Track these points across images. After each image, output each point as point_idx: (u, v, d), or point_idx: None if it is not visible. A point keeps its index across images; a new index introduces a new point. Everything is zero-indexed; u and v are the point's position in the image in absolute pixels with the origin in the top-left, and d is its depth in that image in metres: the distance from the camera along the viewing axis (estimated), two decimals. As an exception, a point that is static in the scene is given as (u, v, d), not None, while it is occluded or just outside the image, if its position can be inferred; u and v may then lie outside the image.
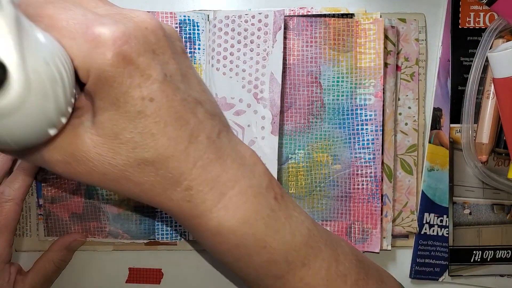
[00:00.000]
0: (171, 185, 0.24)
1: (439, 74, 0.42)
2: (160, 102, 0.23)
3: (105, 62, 0.21)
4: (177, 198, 0.25)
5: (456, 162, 0.42)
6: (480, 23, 0.42)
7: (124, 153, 0.23)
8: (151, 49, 0.23)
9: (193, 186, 0.24)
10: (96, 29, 0.21)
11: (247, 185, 0.26)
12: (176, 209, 0.25)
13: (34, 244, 0.41)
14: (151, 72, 0.22)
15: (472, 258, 0.42)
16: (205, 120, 0.25)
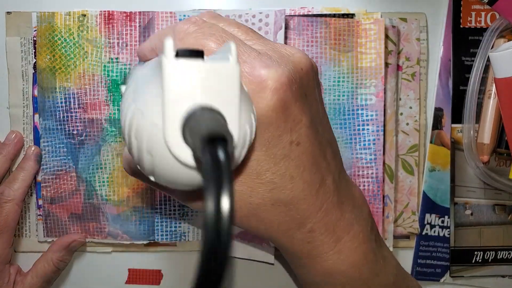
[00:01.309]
0: (296, 225, 0.24)
1: (441, 73, 0.42)
2: (304, 147, 0.23)
3: (268, 107, 0.21)
4: (298, 238, 0.25)
5: (458, 162, 0.42)
6: (481, 22, 0.42)
7: (262, 192, 0.23)
8: (305, 93, 0.23)
9: (316, 229, 0.25)
10: (262, 71, 0.21)
11: (359, 229, 0.26)
12: (294, 248, 0.25)
13: (34, 245, 0.41)
14: (302, 117, 0.23)
15: (473, 259, 0.42)
16: (331, 161, 0.25)
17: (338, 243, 0.25)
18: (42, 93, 0.40)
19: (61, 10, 0.40)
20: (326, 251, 0.25)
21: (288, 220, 0.24)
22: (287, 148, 0.22)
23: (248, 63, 0.22)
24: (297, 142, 0.23)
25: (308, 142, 0.23)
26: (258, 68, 0.21)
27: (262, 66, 0.21)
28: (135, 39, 0.40)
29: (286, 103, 0.22)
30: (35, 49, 0.40)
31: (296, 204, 0.24)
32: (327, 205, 0.24)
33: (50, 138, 0.40)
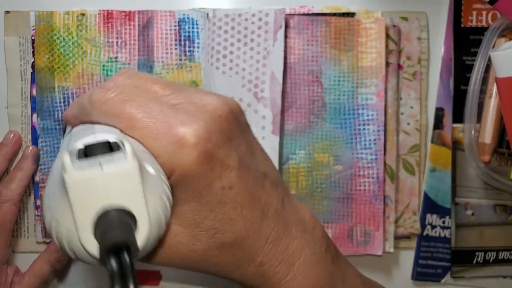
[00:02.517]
0: (245, 263, 0.25)
1: (442, 73, 0.42)
2: (238, 188, 0.23)
3: (191, 162, 0.22)
4: (251, 273, 0.25)
5: (459, 162, 0.42)
6: (482, 22, 0.42)
7: (204, 239, 0.24)
8: (227, 137, 0.23)
9: (265, 262, 0.25)
10: (179, 130, 0.22)
11: (311, 252, 0.26)
12: (249, 283, 0.26)
13: (31, 245, 0.41)
14: (230, 161, 0.23)
15: (474, 260, 0.42)
16: (272, 192, 0.26)
17: (290, 271, 0.26)
18: (40, 93, 0.40)
19: (60, 9, 0.40)
20: (279, 281, 0.26)
21: (236, 259, 0.25)
22: (220, 194, 0.23)
23: (166, 123, 0.22)
24: (229, 186, 0.23)
25: (240, 183, 0.24)
26: (175, 126, 0.22)
27: (179, 123, 0.22)
28: (134, 38, 0.40)
29: (208, 154, 0.22)
30: (34, 49, 0.40)
31: (241, 243, 0.24)
32: (272, 236, 0.25)
33: (48, 138, 0.40)
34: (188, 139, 0.22)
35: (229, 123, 0.24)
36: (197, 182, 0.22)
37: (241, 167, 0.24)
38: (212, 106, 0.24)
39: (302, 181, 0.40)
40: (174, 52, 0.40)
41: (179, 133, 0.22)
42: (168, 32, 0.40)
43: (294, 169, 0.40)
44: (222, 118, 0.23)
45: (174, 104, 0.24)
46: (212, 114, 0.23)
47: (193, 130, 0.22)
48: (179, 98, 0.24)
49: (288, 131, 0.40)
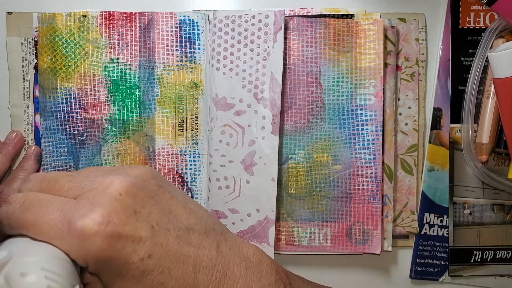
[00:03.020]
0: None
1: (439, 74, 0.42)
2: (158, 254, 0.24)
3: (98, 248, 0.22)
4: None
5: (456, 162, 0.42)
6: (480, 23, 0.42)
7: None
8: (132, 211, 0.24)
9: None
10: (77, 223, 0.22)
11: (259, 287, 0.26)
12: None
13: (34, 245, 0.41)
14: (140, 233, 0.23)
15: (472, 258, 0.42)
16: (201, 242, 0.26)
17: None
18: (43, 94, 0.40)
19: (62, 11, 0.40)
20: None
21: None
22: (141, 265, 0.23)
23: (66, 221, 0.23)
24: (148, 256, 0.23)
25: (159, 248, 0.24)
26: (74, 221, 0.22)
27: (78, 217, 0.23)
28: (136, 40, 0.40)
29: (113, 235, 0.23)
30: (36, 50, 0.40)
31: None
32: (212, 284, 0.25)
33: (51, 138, 0.40)
34: (87, 230, 0.22)
35: (132, 197, 0.24)
36: (114, 263, 0.23)
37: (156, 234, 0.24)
38: (112, 187, 0.24)
39: (302, 181, 0.40)
40: (175, 53, 0.40)
41: (78, 226, 0.22)
42: (169, 34, 0.40)
43: (294, 169, 0.40)
44: (123, 195, 0.24)
45: (76, 196, 0.24)
46: (111, 195, 0.24)
47: (90, 220, 0.22)
48: (80, 189, 0.24)
49: (288, 131, 0.40)
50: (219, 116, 0.39)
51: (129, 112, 0.40)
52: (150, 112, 0.40)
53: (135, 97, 0.40)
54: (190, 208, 0.27)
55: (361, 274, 0.43)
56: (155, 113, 0.40)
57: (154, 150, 0.40)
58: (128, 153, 0.40)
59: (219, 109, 0.39)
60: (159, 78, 0.40)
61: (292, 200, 0.40)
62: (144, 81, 0.40)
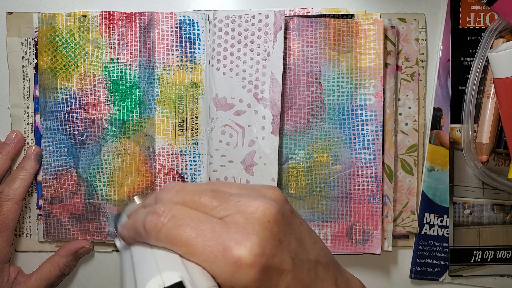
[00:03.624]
0: None
1: (439, 74, 0.42)
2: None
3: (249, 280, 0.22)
4: None
5: (457, 162, 0.42)
6: (480, 23, 0.42)
7: None
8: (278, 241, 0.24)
9: None
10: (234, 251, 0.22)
11: None
12: None
13: (34, 245, 0.41)
14: (284, 266, 0.23)
15: (472, 258, 0.42)
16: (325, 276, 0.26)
17: None
18: (43, 94, 0.40)
19: (62, 11, 0.40)
20: None
21: None
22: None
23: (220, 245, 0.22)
24: None
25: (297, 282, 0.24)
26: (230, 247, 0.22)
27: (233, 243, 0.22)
28: (136, 40, 0.40)
29: (264, 267, 0.22)
30: (36, 50, 0.40)
31: None
32: None
33: (51, 138, 0.40)
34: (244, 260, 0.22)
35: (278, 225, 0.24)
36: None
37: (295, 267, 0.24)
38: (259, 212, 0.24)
39: (302, 181, 0.40)
40: (175, 53, 0.40)
41: (235, 254, 0.22)
42: (169, 34, 0.40)
43: (294, 169, 0.40)
44: (271, 223, 0.24)
45: (223, 216, 0.24)
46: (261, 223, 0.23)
47: (247, 250, 0.22)
48: (227, 209, 0.24)
49: (288, 131, 0.40)
50: (219, 116, 0.39)
51: (129, 112, 0.40)
52: (150, 112, 0.40)
53: (135, 97, 0.40)
54: (313, 238, 0.27)
55: (361, 274, 0.43)
56: (155, 113, 0.40)
57: (154, 150, 0.40)
58: (128, 153, 0.40)
59: (219, 109, 0.39)
60: (159, 78, 0.40)
61: (292, 200, 0.40)
62: (144, 81, 0.40)
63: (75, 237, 0.40)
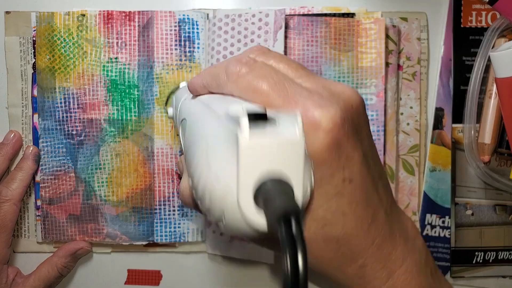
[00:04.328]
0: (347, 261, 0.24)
1: (441, 73, 0.42)
2: (357, 183, 0.23)
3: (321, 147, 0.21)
4: (349, 273, 0.25)
5: (458, 162, 0.42)
6: (482, 22, 0.42)
7: (313, 229, 0.23)
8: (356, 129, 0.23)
9: (367, 264, 0.24)
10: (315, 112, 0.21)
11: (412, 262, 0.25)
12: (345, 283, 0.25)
13: (32, 246, 0.41)
14: (355, 154, 0.22)
15: (474, 259, 0.42)
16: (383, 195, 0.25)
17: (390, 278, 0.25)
18: (41, 93, 0.40)
19: (60, 10, 0.40)
20: (378, 285, 0.25)
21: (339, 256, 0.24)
22: (339, 185, 0.22)
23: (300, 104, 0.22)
24: (349, 179, 0.22)
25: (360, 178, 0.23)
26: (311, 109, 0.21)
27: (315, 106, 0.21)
28: (134, 39, 0.40)
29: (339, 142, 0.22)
30: (35, 49, 0.40)
31: (347, 240, 0.24)
32: (378, 239, 0.24)
33: (49, 138, 0.40)
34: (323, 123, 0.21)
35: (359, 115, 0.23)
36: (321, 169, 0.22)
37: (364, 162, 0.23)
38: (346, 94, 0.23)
39: (302, 181, 0.40)
40: (174, 52, 0.40)
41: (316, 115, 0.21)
42: (168, 33, 0.40)
43: (294, 169, 0.40)
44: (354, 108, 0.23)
45: (307, 87, 0.23)
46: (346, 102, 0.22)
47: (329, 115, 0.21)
48: (312, 82, 0.23)
49: (288, 131, 0.40)
50: (219, 116, 0.39)
51: (127, 112, 0.40)
52: (149, 112, 0.40)
53: (133, 97, 0.40)
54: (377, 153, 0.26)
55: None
56: (154, 113, 0.40)
57: (153, 150, 0.40)
58: (127, 153, 0.40)
59: (219, 109, 0.39)
60: (158, 77, 0.40)
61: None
62: (143, 80, 0.40)
63: (73, 238, 0.40)
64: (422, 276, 0.26)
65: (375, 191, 0.24)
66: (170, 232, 0.40)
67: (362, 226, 0.23)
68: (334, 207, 0.23)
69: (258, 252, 0.40)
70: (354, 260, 0.24)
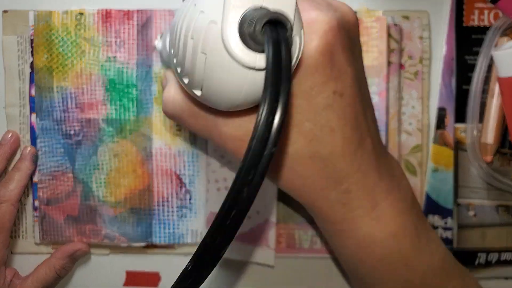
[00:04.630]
0: (331, 184, 0.24)
1: (443, 72, 0.41)
2: (348, 99, 0.22)
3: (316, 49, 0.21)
4: (333, 198, 0.24)
5: (461, 162, 0.41)
6: (484, 21, 0.41)
7: (300, 143, 0.22)
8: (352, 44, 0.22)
9: (352, 190, 0.24)
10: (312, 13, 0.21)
11: (397, 198, 0.25)
12: (328, 210, 0.24)
13: (30, 247, 0.41)
14: (348, 68, 0.22)
15: (476, 261, 0.42)
16: (371, 124, 0.25)
17: (375, 209, 0.24)
18: (39, 93, 0.39)
19: (58, 8, 0.39)
20: (362, 215, 0.24)
21: (324, 177, 0.23)
22: (330, 97, 0.22)
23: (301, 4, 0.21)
24: (340, 93, 0.22)
25: (352, 94, 0.22)
26: (308, 9, 0.21)
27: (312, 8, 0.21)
28: (133, 38, 0.39)
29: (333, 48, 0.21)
30: (32, 48, 0.39)
31: (333, 160, 0.23)
32: (365, 166, 0.24)
33: (47, 138, 0.40)
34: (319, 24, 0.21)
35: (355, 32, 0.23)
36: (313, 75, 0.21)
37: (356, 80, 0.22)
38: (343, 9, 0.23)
39: (303, 182, 0.40)
40: (173, 51, 0.39)
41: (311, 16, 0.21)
42: (167, 32, 0.39)
43: (295, 170, 0.40)
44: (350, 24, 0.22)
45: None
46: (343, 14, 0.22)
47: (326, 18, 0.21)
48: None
49: (289, 131, 0.40)
50: (218, 115, 0.38)
51: (126, 111, 0.40)
52: (148, 112, 0.40)
53: (132, 96, 0.40)
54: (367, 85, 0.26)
55: (363, 277, 0.42)
56: (153, 112, 0.40)
57: (152, 151, 0.40)
58: (125, 154, 0.40)
59: (218, 109, 0.38)
60: (156, 76, 0.40)
61: (293, 202, 0.40)
62: (141, 80, 0.40)
63: (71, 239, 0.40)
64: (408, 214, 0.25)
65: (364, 116, 0.24)
66: (169, 233, 0.40)
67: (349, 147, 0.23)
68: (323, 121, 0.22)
69: (258, 253, 0.40)
70: (339, 183, 0.23)
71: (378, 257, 0.25)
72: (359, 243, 0.25)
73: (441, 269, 0.26)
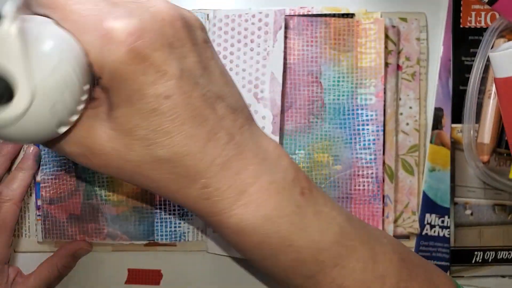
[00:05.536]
0: (187, 183, 0.24)
1: (441, 73, 0.42)
2: (177, 100, 0.22)
3: (118, 59, 0.21)
4: (193, 195, 0.24)
5: (458, 162, 0.42)
6: (481, 22, 0.42)
7: (138, 149, 0.23)
8: (168, 43, 0.22)
9: (210, 184, 0.24)
10: (108, 23, 0.20)
11: (269, 180, 0.24)
12: (193, 206, 0.25)
13: (33, 245, 0.41)
14: (167, 68, 0.22)
15: (473, 259, 0.42)
16: (226, 115, 0.24)
17: (241, 196, 0.24)
18: (41, 93, 0.40)
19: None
20: (228, 205, 0.24)
21: (176, 177, 0.23)
22: (153, 102, 0.21)
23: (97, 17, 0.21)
24: (165, 96, 0.22)
25: (181, 94, 0.22)
26: (105, 20, 0.21)
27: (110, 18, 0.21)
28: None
29: (139, 54, 0.21)
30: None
31: (180, 160, 0.23)
32: (221, 159, 0.23)
33: (49, 138, 0.40)
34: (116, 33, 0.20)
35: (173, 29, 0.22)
36: (127, 84, 0.21)
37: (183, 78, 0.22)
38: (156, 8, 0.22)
39: (302, 181, 0.40)
40: (174, 52, 0.40)
41: (108, 26, 0.20)
42: (168, 33, 0.40)
43: (294, 169, 0.40)
44: (165, 21, 0.22)
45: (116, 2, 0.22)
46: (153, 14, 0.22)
47: (122, 25, 0.20)
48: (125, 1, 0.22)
49: (288, 131, 0.40)
50: (219, 116, 0.39)
51: (128, 112, 0.40)
52: (150, 112, 0.40)
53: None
54: (226, 78, 0.25)
55: (361, 275, 0.42)
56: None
57: (154, 150, 0.40)
58: (127, 153, 0.40)
59: (219, 109, 0.39)
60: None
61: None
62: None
63: (74, 238, 0.40)
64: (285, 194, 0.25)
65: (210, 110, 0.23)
66: (171, 231, 0.40)
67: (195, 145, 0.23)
68: (155, 125, 0.22)
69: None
70: (194, 180, 0.23)
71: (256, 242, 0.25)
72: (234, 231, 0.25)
73: (337, 243, 0.26)
